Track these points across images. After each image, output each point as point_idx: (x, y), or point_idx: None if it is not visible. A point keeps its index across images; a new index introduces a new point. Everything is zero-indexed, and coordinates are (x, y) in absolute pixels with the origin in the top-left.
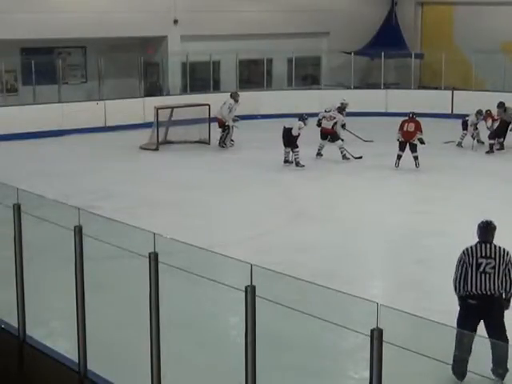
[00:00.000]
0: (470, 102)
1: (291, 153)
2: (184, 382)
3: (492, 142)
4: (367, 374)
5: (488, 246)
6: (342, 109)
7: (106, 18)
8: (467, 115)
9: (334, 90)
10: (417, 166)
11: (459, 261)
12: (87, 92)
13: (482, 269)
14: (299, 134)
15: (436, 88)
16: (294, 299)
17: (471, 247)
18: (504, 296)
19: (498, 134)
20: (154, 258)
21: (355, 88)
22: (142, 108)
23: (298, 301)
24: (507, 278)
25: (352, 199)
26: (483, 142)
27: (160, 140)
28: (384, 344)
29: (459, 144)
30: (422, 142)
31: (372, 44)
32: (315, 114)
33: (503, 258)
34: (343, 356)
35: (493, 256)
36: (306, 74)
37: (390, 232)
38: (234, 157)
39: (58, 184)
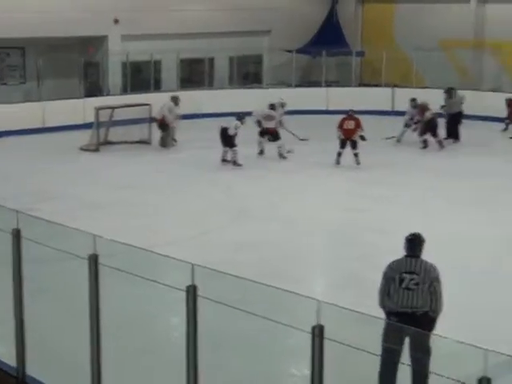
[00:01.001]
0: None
1: (229, 152)
2: None
3: (425, 137)
4: (309, 371)
5: (414, 260)
6: (275, 107)
7: (46, 17)
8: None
9: (276, 89)
10: (357, 164)
11: (384, 274)
12: (26, 93)
13: (404, 284)
14: (236, 134)
15: (377, 85)
16: (236, 298)
17: (397, 261)
18: (431, 315)
19: (428, 129)
20: (93, 260)
21: (297, 86)
22: (82, 108)
23: (241, 300)
24: (432, 296)
25: (293, 197)
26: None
27: (101, 141)
28: (325, 341)
29: (399, 140)
30: (363, 139)
31: (313, 42)
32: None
33: (428, 274)
34: (285, 354)
35: (417, 271)
36: (248, 73)
37: (332, 229)
38: (175, 156)
39: None
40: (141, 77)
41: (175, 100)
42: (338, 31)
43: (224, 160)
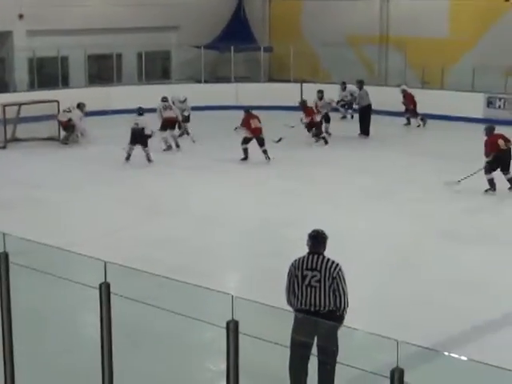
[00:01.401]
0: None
1: (142, 150)
2: (39, 382)
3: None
4: (225, 365)
5: (315, 257)
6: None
7: None
8: None
9: (185, 84)
10: (268, 159)
11: (288, 273)
12: None
13: (307, 282)
14: (153, 132)
15: (285, 81)
16: (150, 295)
17: (300, 258)
18: (338, 313)
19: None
20: (3, 258)
21: (206, 82)
22: None
23: (155, 296)
24: (336, 293)
25: (204, 193)
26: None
27: (8, 137)
28: (240, 335)
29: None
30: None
31: (221, 38)
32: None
33: (329, 270)
34: (201, 349)
35: (318, 268)
36: (156, 69)
37: (245, 224)
38: (84, 153)
39: None
40: (48, 73)
41: (82, 108)
42: (246, 27)
43: (128, 158)
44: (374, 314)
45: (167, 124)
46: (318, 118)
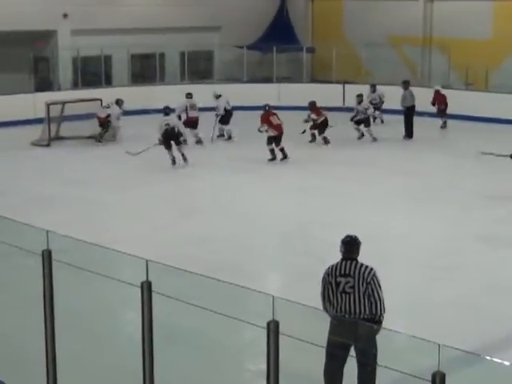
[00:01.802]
0: None
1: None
2: (80, 379)
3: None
4: (265, 366)
5: (349, 263)
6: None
7: None
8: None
9: (227, 84)
10: (286, 158)
11: (322, 280)
12: None
13: (341, 288)
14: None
15: (328, 81)
16: (190, 294)
17: (333, 265)
18: (374, 319)
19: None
20: (47, 256)
21: (248, 82)
22: (33, 103)
23: (195, 295)
24: (372, 299)
25: (241, 193)
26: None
27: (52, 136)
28: (280, 336)
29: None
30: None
31: (264, 38)
32: (210, 109)
33: (363, 276)
34: (241, 349)
35: (352, 274)
36: (199, 68)
37: (284, 224)
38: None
39: None
40: (91, 72)
41: (120, 103)
42: (289, 27)
43: (174, 161)
44: (415, 317)
45: (190, 123)
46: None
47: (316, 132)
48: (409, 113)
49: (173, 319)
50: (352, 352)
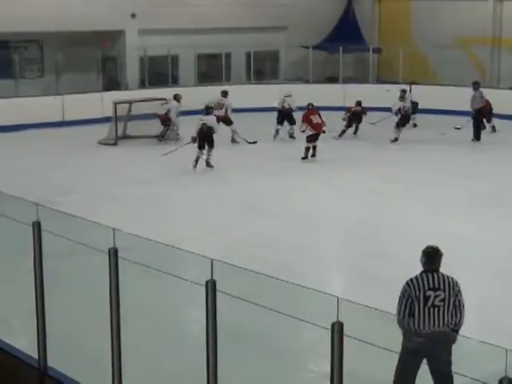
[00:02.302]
0: (427, 95)
1: (206, 153)
2: (145, 377)
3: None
4: (328, 367)
5: (435, 275)
6: (227, 94)
7: (63, 11)
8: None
9: (293, 84)
10: (313, 156)
11: (403, 294)
12: (44, 86)
13: (430, 303)
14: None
15: (394, 82)
16: (254, 293)
17: (416, 278)
18: (453, 328)
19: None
20: (113, 254)
21: (313, 82)
22: (101, 102)
23: (258, 295)
24: (457, 309)
25: (306, 193)
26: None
27: (119, 135)
28: (344, 337)
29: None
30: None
31: (330, 38)
32: (274, 109)
33: (453, 288)
34: (304, 350)
35: (442, 287)
36: (265, 68)
37: (343, 225)
38: (191, 152)
39: (16, 179)
40: (158, 71)
41: (179, 98)
42: (355, 27)
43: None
44: (483, 322)
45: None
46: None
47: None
48: (478, 115)
49: (236, 319)
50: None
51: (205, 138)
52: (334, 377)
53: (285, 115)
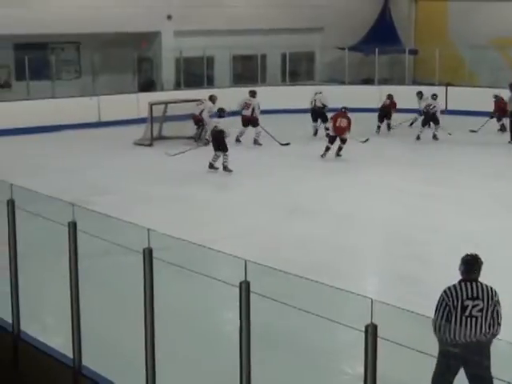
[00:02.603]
0: (463, 97)
1: (221, 157)
2: (178, 377)
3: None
4: (362, 369)
5: (474, 284)
6: (255, 94)
7: (100, 13)
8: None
9: (328, 86)
10: (337, 155)
11: (440, 303)
12: (81, 87)
13: (468, 312)
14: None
15: (430, 84)
16: (287, 294)
17: (454, 287)
18: (491, 340)
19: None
20: (148, 254)
21: (349, 83)
22: (136, 103)
23: (292, 296)
24: (495, 320)
25: (342, 193)
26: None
27: (154, 135)
28: (378, 339)
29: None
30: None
31: (366, 39)
32: (309, 110)
33: (492, 298)
34: (338, 351)
35: (480, 297)
36: (300, 70)
37: (379, 226)
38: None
39: (52, 180)
40: (194, 73)
41: (214, 100)
42: (391, 29)
43: (212, 166)
44: None
45: (244, 122)
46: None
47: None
48: None
49: (270, 320)
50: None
51: (216, 142)
52: (367, 379)
53: (317, 113)
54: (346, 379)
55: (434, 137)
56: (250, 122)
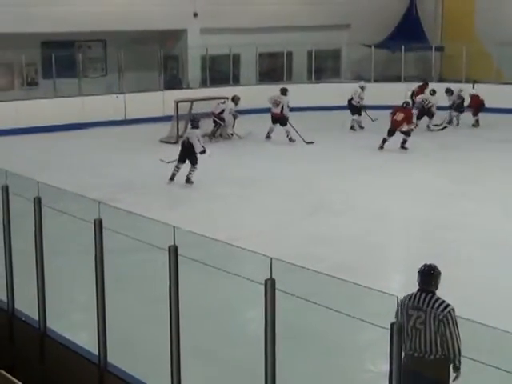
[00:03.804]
0: (490, 94)
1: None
2: (203, 374)
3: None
4: (386, 367)
5: (423, 295)
6: (286, 92)
7: (126, 11)
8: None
9: (354, 83)
10: (401, 148)
11: (396, 310)
12: (107, 85)
13: (411, 323)
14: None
15: (457, 81)
16: (312, 292)
17: (408, 295)
18: (448, 362)
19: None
20: (173, 251)
21: (375, 81)
22: (162, 101)
23: (317, 294)
24: (444, 338)
25: (370, 191)
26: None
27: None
28: None
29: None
30: (407, 134)
31: (392, 37)
32: (336, 108)
33: (435, 312)
34: (362, 349)
35: (424, 308)
36: (326, 67)
37: (407, 224)
38: (252, 149)
39: (78, 177)
40: (220, 70)
41: (236, 100)
42: (418, 26)
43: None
44: None
45: (273, 119)
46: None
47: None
48: None
49: (295, 318)
50: None
51: (184, 153)
52: (392, 376)
53: (354, 107)
54: (370, 377)
55: (428, 127)
56: (278, 120)
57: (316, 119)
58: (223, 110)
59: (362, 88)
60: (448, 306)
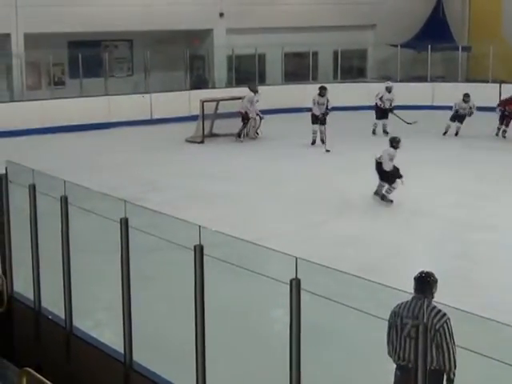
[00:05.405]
0: None
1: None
2: (229, 374)
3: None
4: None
5: (419, 303)
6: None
7: (153, 11)
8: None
9: (380, 83)
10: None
11: (388, 318)
12: (133, 85)
13: (406, 331)
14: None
15: (484, 81)
16: (338, 292)
17: (402, 304)
18: (442, 372)
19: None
20: (199, 251)
21: (401, 81)
22: (188, 101)
23: (342, 294)
24: (439, 349)
25: (398, 192)
26: None
27: (206, 133)
28: None
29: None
30: None
31: (419, 36)
32: (361, 107)
33: (432, 321)
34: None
35: (420, 317)
36: (352, 67)
37: (436, 225)
38: (278, 150)
39: (104, 176)
40: (245, 70)
41: (253, 88)
42: (444, 25)
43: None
44: None
45: (312, 119)
46: None
47: None
48: None
49: (320, 318)
50: None
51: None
52: (418, 375)
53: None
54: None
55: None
56: (317, 119)
57: (342, 119)
58: (250, 103)
59: (388, 89)
60: (444, 315)
